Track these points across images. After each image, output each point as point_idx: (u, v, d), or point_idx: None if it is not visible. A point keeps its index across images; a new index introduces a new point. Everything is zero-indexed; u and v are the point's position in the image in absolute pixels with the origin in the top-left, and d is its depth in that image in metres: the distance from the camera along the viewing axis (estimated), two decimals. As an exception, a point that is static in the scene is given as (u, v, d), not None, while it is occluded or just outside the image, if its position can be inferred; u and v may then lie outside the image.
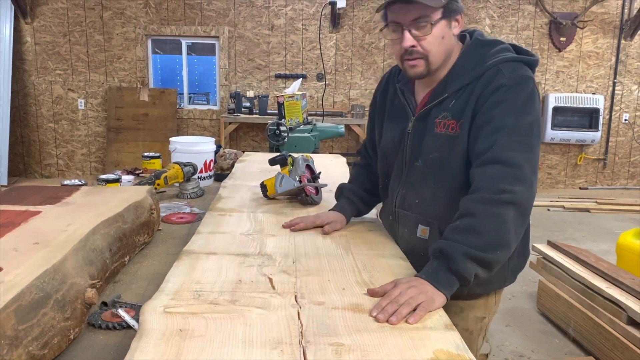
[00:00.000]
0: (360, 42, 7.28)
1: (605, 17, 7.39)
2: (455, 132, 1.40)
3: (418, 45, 1.38)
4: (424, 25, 1.36)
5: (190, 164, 2.49)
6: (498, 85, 1.34)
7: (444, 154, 1.42)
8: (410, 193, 1.52)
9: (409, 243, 1.53)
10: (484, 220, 1.24)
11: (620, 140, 7.74)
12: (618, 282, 2.95)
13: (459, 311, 1.52)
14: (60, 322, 1.11)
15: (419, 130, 1.48)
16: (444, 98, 1.43)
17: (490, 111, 1.33)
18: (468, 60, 1.43)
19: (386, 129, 1.60)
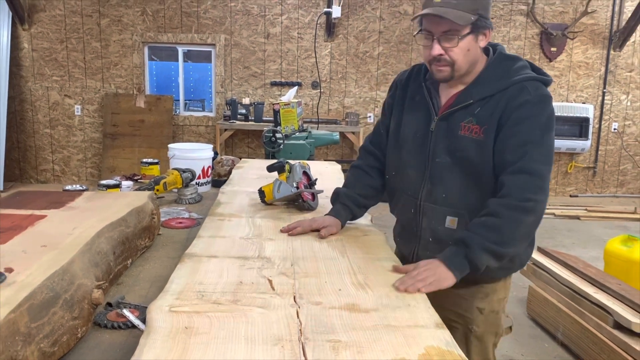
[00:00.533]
0: (355, 51, 7.37)
1: (595, 28, 7.53)
2: (478, 136, 1.53)
3: (446, 54, 1.52)
4: (452, 38, 1.50)
5: (188, 170, 2.54)
6: (523, 101, 1.49)
7: (469, 154, 1.55)
8: (436, 188, 1.62)
9: (435, 233, 1.64)
10: (506, 222, 1.43)
11: (610, 149, 7.86)
12: (605, 287, 3.02)
13: (485, 297, 1.68)
14: (69, 321, 1.16)
15: (442, 130, 1.60)
16: (469, 104, 1.56)
17: (518, 125, 1.49)
18: (493, 72, 1.57)
19: (406, 122, 1.70)
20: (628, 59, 7.63)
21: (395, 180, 1.75)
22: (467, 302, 1.68)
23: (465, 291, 1.65)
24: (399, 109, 1.74)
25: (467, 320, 1.69)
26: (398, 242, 1.85)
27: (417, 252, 1.70)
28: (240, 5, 7.21)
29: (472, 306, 1.68)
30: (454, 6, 1.47)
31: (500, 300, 1.71)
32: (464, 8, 1.47)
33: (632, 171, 7.93)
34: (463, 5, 1.47)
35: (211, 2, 7.18)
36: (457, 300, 1.67)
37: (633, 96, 7.74)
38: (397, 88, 1.77)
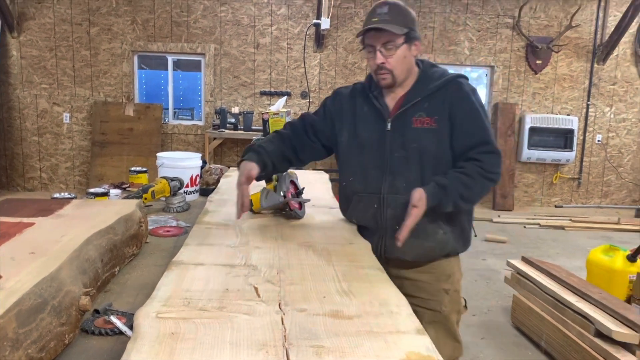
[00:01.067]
0: (344, 62, 7.44)
1: (579, 41, 7.68)
2: (431, 126, 1.83)
3: (386, 62, 1.82)
4: (390, 47, 1.81)
5: (176, 179, 2.55)
6: (464, 95, 1.85)
7: (423, 142, 1.83)
8: (397, 179, 1.86)
9: (400, 220, 1.80)
10: (477, 185, 1.79)
11: (594, 160, 7.99)
12: (587, 296, 3.08)
13: (447, 278, 1.96)
14: (56, 327, 1.18)
15: (396, 128, 1.87)
16: (417, 101, 1.85)
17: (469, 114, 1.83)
18: (429, 75, 1.90)
19: (360, 130, 1.94)
20: (611, 72, 7.78)
21: (354, 184, 1.95)
22: (433, 287, 1.94)
23: (432, 277, 1.94)
24: (349, 121, 1.97)
25: (435, 303, 1.94)
26: None
27: (385, 243, 1.89)
28: (230, 15, 7.26)
29: (439, 289, 1.94)
30: (388, 22, 1.79)
31: (458, 280, 2.00)
32: (396, 22, 1.79)
33: (616, 182, 8.06)
34: (396, 21, 1.79)
35: (201, 12, 7.23)
36: (426, 287, 1.94)
37: (616, 109, 7.88)
38: (342, 102, 2.00)
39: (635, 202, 8.09)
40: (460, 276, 2.02)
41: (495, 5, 7.55)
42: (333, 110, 2.01)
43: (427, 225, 1.83)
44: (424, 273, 1.93)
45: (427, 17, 7.49)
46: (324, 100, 2.08)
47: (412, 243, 1.82)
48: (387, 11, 1.80)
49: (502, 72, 7.66)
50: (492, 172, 1.80)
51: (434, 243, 1.88)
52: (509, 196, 7.71)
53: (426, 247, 1.88)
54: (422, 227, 1.81)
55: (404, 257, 1.90)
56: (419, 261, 1.92)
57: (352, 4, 7.37)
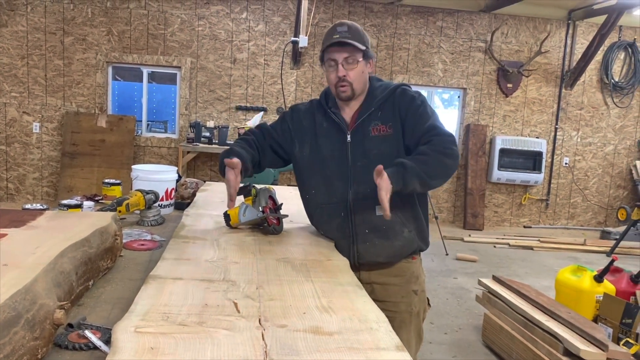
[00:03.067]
0: (320, 79, 7.51)
1: (548, 67, 7.93)
2: (387, 132, 1.96)
3: (347, 75, 1.94)
4: (351, 62, 1.94)
5: (152, 192, 2.52)
6: (409, 98, 1.98)
7: (382, 149, 1.95)
8: (362, 187, 1.95)
9: (370, 224, 1.97)
10: (433, 160, 1.84)
11: (562, 182, 8.21)
12: (556, 315, 3.14)
13: (416, 280, 2.08)
14: (29, 341, 1.14)
15: (356, 139, 1.99)
16: (371, 112, 1.98)
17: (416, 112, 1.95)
18: (377, 87, 2.05)
19: (321, 145, 2.04)
20: (578, 98, 8.05)
21: (318, 196, 2.04)
22: (404, 288, 2.05)
23: (401, 279, 2.05)
24: (310, 136, 2.07)
25: (406, 305, 2.05)
26: None
27: (357, 249, 1.99)
28: (207, 29, 7.26)
29: (409, 291, 2.06)
30: (350, 38, 1.92)
31: (423, 280, 2.13)
32: (356, 40, 1.92)
33: (582, 204, 8.28)
34: (355, 38, 1.93)
35: (178, 26, 7.21)
36: (397, 290, 2.04)
37: (583, 133, 8.14)
38: (301, 119, 2.11)
39: (600, 223, 8.33)
40: (424, 277, 2.15)
41: (469, 29, 7.75)
42: (292, 127, 2.11)
43: (394, 225, 1.96)
44: (394, 276, 2.04)
45: (402, 39, 7.64)
46: (282, 115, 2.17)
47: (383, 244, 1.97)
48: (347, 30, 1.93)
49: (474, 94, 7.84)
50: (447, 148, 1.87)
51: (402, 242, 1.99)
52: (479, 216, 7.84)
53: (396, 247, 1.99)
54: (391, 228, 1.96)
55: (377, 259, 2.00)
56: (389, 262, 2.03)
57: (330, 23, 7.46)
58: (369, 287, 2.00)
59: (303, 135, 2.08)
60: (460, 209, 8.01)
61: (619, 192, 8.35)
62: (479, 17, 7.74)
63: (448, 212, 8.06)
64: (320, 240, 2.02)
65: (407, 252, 2.03)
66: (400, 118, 1.96)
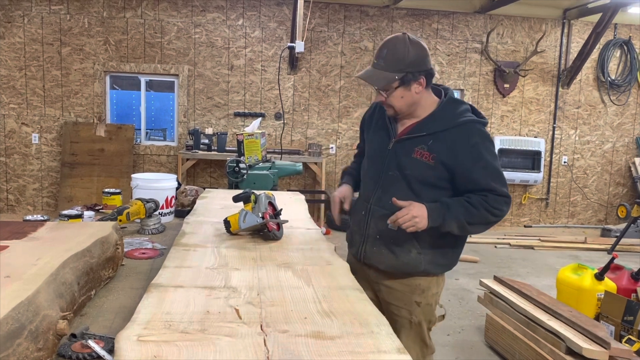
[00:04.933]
0: (317, 84, 7.53)
1: (545, 66, 7.95)
2: (428, 161, 1.93)
3: (386, 100, 1.96)
4: (387, 89, 1.94)
5: (152, 200, 2.53)
6: (474, 142, 1.90)
7: (415, 173, 1.95)
8: (385, 195, 2.00)
9: (381, 232, 2.02)
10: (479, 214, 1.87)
11: (561, 181, 8.22)
12: (558, 314, 3.14)
13: (421, 292, 2.07)
14: (33, 352, 1.15)
15: (397, 150, 2.00)
16: (422, 135, 1.95)
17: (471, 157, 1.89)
18: (443, 113, 1.96)
19: (371, 140, 2.13)
20: (575, 96, 8.07)
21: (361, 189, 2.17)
22: (407, 297, 2.07)
23: (406, 288, 2.06)
24: (368, 132, 2.17)
25: (408, 312, 2.08)
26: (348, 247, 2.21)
27: (365, 249, 2.07)
28: (204, 37, 7.29)
29: (411, 300, 2.07)
30: (382, 68, 1.91)
31: (433, 295, 2.10)
32: (390, 69, 1.90)
33: (582, 202, 8.29)
34: (390, 66, 1.90)
35: (175, 34, 7.24)
36: (400, 296, 2.07)
37: (581, 131, 8.16)
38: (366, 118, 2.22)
39: (600, 221, 8.33)
40: (437, 291, 2.12)
41: (464, 31, 7.78)
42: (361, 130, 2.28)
43: (404, 243, 1.98)
44: (398, 283, 2.08)
45: (399, 42, 7.65)
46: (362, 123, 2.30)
47: (386, 255, 2.02)
48: (384, 55, 1.91)
49: (472, 95, 7.86)
50: (496, 209, 1.88)
51: (406, 260, 2.00)
52: (479, 216, 7.83)
53: (399, 262, 2.01)
54: (399, 244, 1.99)
55: (379, 266, 2.06)
56: (393, 272, 2.05)
57: (326, 28, 7.49)
58: (376, 286, 2.12)
59: (366, 130, 2.21)
60: (461, 210, 8.01)
61: (619, 189, 8.36)
62: (475, 19, 7.76)
63: (448, 213, 8.06)
64: (320, 245, 2.03)
65: (411, 270, 2.03)
66: (452, 157, 1.90)
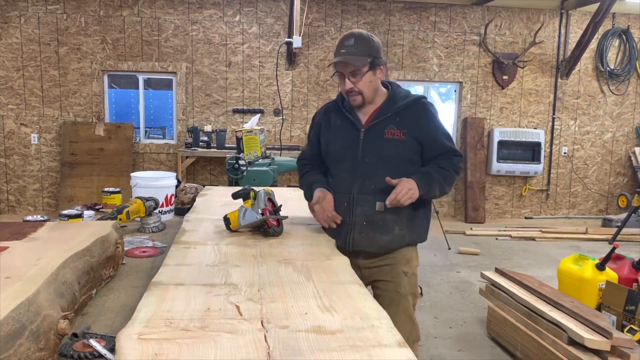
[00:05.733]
0: (316, 79, 7.52)
1: (543, 57, 7.93)
2: (400, 137, 2.14)
3: (355, 87, 2.13)
4: (357, 75, 2.12)
5: (151, 199, 2.53)
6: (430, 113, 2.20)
7: (392, 152, 2.14)
8: (367, 181, 2.16)
9: (368, 217, 2.17)
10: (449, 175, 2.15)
11: (561, 172, 8.21)
12: (559, 305, 3.15)
13: (407, 262, 2.25)
14: (34, 352, 1.15)
15: (369, 137, 2.17)
16: (388, 116, 2.16)
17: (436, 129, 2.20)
18: (398, 95, 2.22)
19: (333, 140, 2.25)
20: (574, 87, 8.05)
21: (333, 184, 2.26)
22: (394, 269, 2.23)
23: (393, 260, 2.22)
24: (326, 133, 2.29)
25: (395, 284, 2.22)
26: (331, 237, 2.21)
27: (353, 237, 2.18)
28: (201, 34, 7.27)
29: (398, 271, 2.23)
30: (354, 53, 2.08)
31: (416, 266, 2.30)
32: (361, 53, 2.09)
33: (582, 193, 8.29)
34: (361, 51, 2.09)
35: (172, 31, 7.22)
36: (388, 270, 2.23)
37: (580, 122, 8.14)
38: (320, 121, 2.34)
39: (601, 211, 8.33)
40: (417, 263, 2.33)
41: (462, 23, 7.75)
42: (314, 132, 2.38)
43: (388, 222, 2.17)
44: (386, 258, 2.23)
45: (397, 35, 7.64)
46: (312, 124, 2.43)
47: (376, 237, 2.17)
48: (353, 43, 2.09)
49: (470, 87, 7.85)
50: (459, 167, 2.19)
51: (392, 237, 2.18)
52: (480, 209, 7.84)
53: (386, 240, 2.18)
54: (385, 224, 2.17)
55: (369, 249, 2.20)
56: (380, 252, 2.22)
57: (323, 23, 7.47)
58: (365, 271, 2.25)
59: (322, 132, 2.31)
60: (461, 202, 8.01)
61: (619, 179, 8.35)
62: (472, 11, 7.74)
63: (449, 206, 8.07)
64: (320, 240, 2.03)
65: (396, 246, 2.22)
66: (418, 131, 2.15)
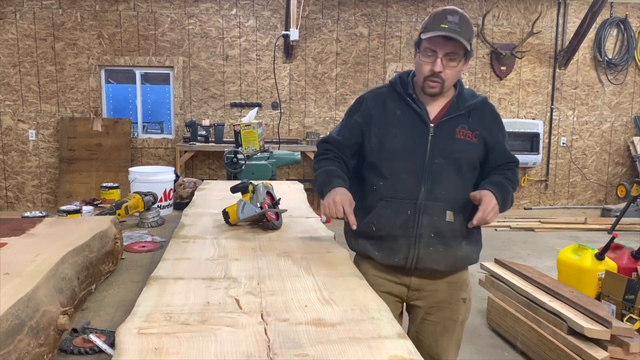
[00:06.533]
0: (313, 72, 7.49)
1: (541, 48, 7.91)
2: (472, 140, 1.85)
3: (444, 72, 1.78)
4: (453, 59, 1.77)
5: (150, 194, 2.52)
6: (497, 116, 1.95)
7: (462, 155, 1.84)
8: (436, 186, 1.82)
9: (436, 228, 1.83)
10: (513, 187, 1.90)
11: (560, 162, 8.21)
12: (559, 295, 3.15)
13: (465, 287, 1.97)
14: (34, 348, 1.15)
15: (440, 135, 1.84)
16: (461, 114, 1.86)
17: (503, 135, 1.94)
18: (467, 92, 1.93)
19: (392, 134, 1.87)
20: (572, 77, 8.03)
21: (384, 189, 1.86)
22: (453, 296, 1.93)
23: (453, 286, 1.93)
24: (378, 125, 1.89)
25: (452, 311, 1.94)
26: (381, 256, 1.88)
27: (418, 252, 1.83)
28: (198, 28, 7.24)
29: (458, 298, 1.94)
30: (459, 33, 1.72)
31: (470, 289, 2.02)
32: (465, 37, 1.74)
33: (581, 183, 8.29)
34: (464, 34, 1.74)
35: (168, 25, 7.19)
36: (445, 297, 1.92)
37: (579, 112, 8.13)
38: (370, 108, 1.92)
39: (600, 202, 8.34)
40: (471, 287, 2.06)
41: (460, 14, 7.71)
42: (359, 119, 1.94)
43: (458, 235, 1.85)
44: (445, 283, 1.92)
45: (394, 27, 7.61)
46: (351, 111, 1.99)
47: (447, 252, 1.84)
48: (459, 21, 1.73)
49: (469, 78, 7.83)
50: (518, 177, 1.98)
51: (462, 253, 1.87)
52: (479, 200, 7.84)
53: (457, 257, 1.87)
54: (455, 237, 1.85)
55: (437, 267, 1.86)
56: (446, 272, 1.90)
57: (320, 15, 7.44)
58: (417, 293, 1.93)
59: (371, 125, 1.90)
60: (460, 194, 8.01)
61: (618, 169, 8.35)
62: (470, 1, 7.70)
63: (448, 198, 8.06)
64: (319, 233, 2.03)
65: (466, 264, 1.94)
66: (488, 134, 1.88)
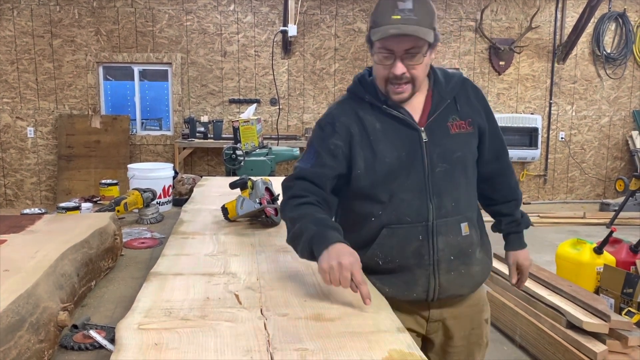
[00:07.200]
0: (312, 67, 7.48)
1: (539, 42, 7.90)
2: (467, 130, 1.58)
3: (407, 72, 1.46)
4: (415, 54, 1.44)
5: (149, 190, 2.52)
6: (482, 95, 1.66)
7: (464, 151, 1.57)
8: (444, 199, 1.53)
9: (454, 248, 1.55)
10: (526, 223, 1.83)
11: (558, 157, 8.22)
12: (558, 289, 3.17)
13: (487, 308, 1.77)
14: (35, 344, 1.16)
15: (434, 137, 1.54)
16: (447, 104, 1.57)
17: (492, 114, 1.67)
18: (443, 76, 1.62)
19: (380, 152, 1.53)
20: (571, 71, 8.03)
21: (384, 217, 1.54)
22: (475, 319, 1.70)
23: (475, 308, 1.69)
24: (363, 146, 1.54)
25: (476, 336, 1.70)
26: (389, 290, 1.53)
27: (439, 282, 1.54)
28: (196, 24, 7.22)
29: (481, 320, 1.71)
30: (416, 22, 1.40)
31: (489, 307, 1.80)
32: (423, 23, 1.41)
33: (580, 178, 8.30)
34: (423, 20, 1.41)
35: (166, 22, 7.17)
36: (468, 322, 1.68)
37: (577, 106, 8.14)
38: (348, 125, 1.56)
39: (599, 196, 8.35)
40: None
41: (458, 9, 7.71)
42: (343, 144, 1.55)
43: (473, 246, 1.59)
44: (466, 306, 1.66)
45: (392, 22, 7.59)
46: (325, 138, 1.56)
47: (469, 271, 1.58)
48: (412, 6, 1.40)
49: (467, 73, 7.82)
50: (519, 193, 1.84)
51: (479, 266, 1.62)
52: (478, 195, 7.85)
53: (477, 272, 1.62)
54: (472, 250, 1.59)
55: (461, 292, 1.61)
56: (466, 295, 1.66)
57: (318, 11, 7.42)
58: (437, 324, 1.64)
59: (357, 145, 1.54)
60: (459, 189, 8.02)
61: (616, 163, 8.36)
62: (468, -4, 7.70)
63: (447, 193, 8.07)
64: (318, 229, 2.03)
65: (485, 277, 1.67)
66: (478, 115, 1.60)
